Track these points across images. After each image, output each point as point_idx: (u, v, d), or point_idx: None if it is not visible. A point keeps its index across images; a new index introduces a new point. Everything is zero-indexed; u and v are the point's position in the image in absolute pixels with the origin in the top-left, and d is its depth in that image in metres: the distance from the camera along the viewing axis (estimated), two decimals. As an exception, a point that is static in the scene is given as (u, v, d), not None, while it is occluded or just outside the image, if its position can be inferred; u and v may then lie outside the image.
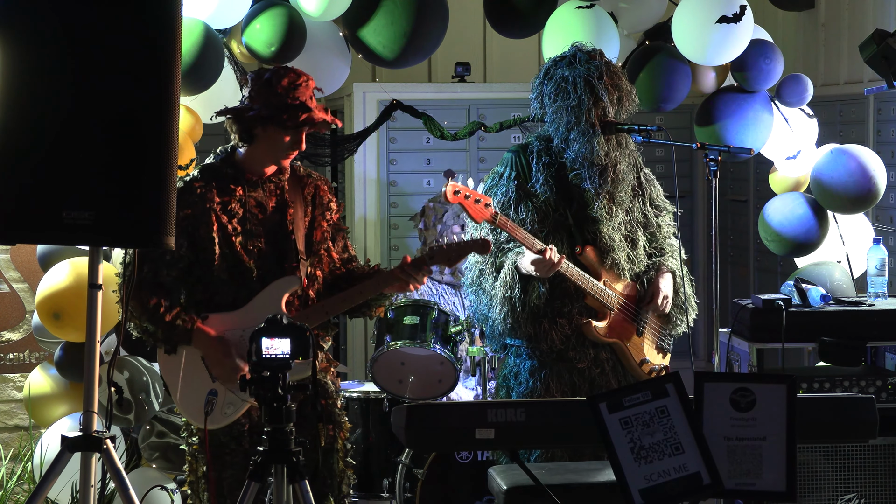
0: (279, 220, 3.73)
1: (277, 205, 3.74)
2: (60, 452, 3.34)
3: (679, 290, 4.36)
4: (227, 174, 3.71)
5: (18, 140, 3.22)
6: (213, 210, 3.66)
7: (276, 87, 3.61)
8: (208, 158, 3.77)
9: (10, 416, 5.44)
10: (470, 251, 3.88)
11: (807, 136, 5.38)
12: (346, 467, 3.81)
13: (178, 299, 3.66)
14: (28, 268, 5.40)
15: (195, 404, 3.59)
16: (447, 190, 3.98)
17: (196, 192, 3.66)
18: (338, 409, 3.83)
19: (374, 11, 4.84)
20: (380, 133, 6.16)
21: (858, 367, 4.75)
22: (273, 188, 3.74)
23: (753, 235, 6.31)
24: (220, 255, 3.64)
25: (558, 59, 4.24)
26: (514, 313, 4.18)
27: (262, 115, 3.60)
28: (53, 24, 3.21)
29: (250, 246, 3.67)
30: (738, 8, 4.98)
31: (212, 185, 3.68)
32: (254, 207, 3.71)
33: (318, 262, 3.79)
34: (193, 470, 3.75)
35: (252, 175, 3.72)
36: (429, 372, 5.01)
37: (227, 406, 3.60)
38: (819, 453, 4.40)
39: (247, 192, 3.71)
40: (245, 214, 3.69)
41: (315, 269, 3.78)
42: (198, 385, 3.61)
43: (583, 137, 4.16)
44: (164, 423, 4.76)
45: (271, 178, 3.74)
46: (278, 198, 3.74)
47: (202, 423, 3.50)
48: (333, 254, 3.84)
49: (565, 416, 3.50)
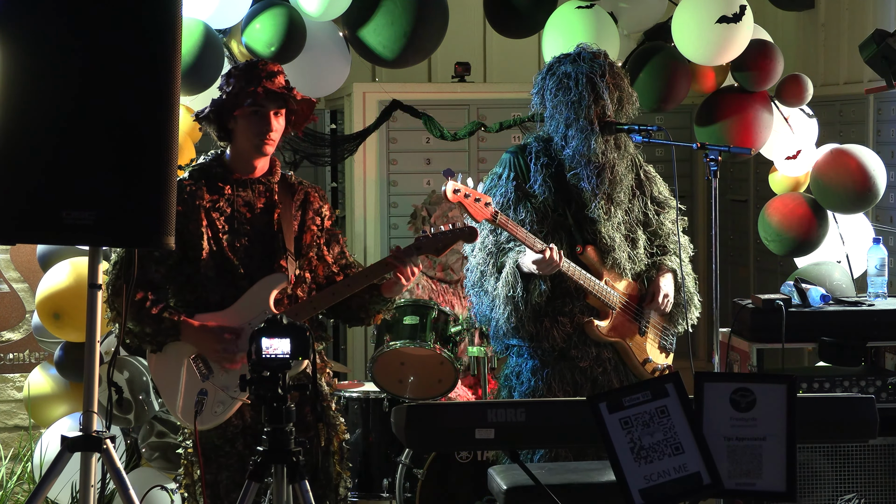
0: (267, 220, 3.74)
1: (266, 205, 3.74)
2: (60, 452, 3.34)
3: (681, 288, 4.36)
4: (217, 173, 3.73)
5: (18, 140, 3.22)
6: (202, 207, 3.67)
7: (232, 77, 3.67)
8: (199, 159, 3.79)
9: (10, 416, 5.44)
10: (457, 240, 3.86)
11: (807, 136, 5.38)
12: (343, 469, 3.81)
13: (164, 296, 3.67)
14: (28, 268, 5.40)
15: (186, 406, 3.60)
16: (447, 189, 3.97)
17: (186, 189, 3.68)
18: (332, 410, 3.83)
19: (374, 11, 4.84)
20: (380, 133, 6.16)
21: (858, 367, 4.75)
22: (262, 189, 3.75)
23: (753, 235, 6.30)
24: (207, 253, 3.65)
25: (562, 56, 4.25)
26: (518, 312, 4.18)
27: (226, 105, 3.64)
28: (54, 24, 3.21)
29: (237, 244, 3.68)
30: (738, 8, 4.98)
31: (202, 184, 3.71)
32: (241, 206, 3.72)
33: (306, 265, 3.78)
34: (189, 473, 3.75)
35: (241, 174, 3.73)
36: (429, 372, 5.01)
37: (217, 405, 3.60)
38: (819, 453, 4.40)
39: (235, 191, 3.73)
40: (233, 213, 3.70)
41: (304, 272, 3.77)
42: (188, 386, 3.61)
43: (581, 134, 4.17)
44: (164, 423, 4.76)
45: (261, 180, 3.75)
46: (267, 199, 3.75)
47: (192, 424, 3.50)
48: (328, 258, 3.84)
49: (565, 416, 3.50)
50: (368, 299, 3.83)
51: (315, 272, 3.82)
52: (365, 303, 3.84)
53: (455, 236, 3.84)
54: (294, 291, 3.73)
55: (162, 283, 3.68)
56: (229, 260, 3.66)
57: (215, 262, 3.66)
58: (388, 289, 3.81)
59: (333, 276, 3.84)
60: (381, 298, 3.84)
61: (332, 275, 3.84)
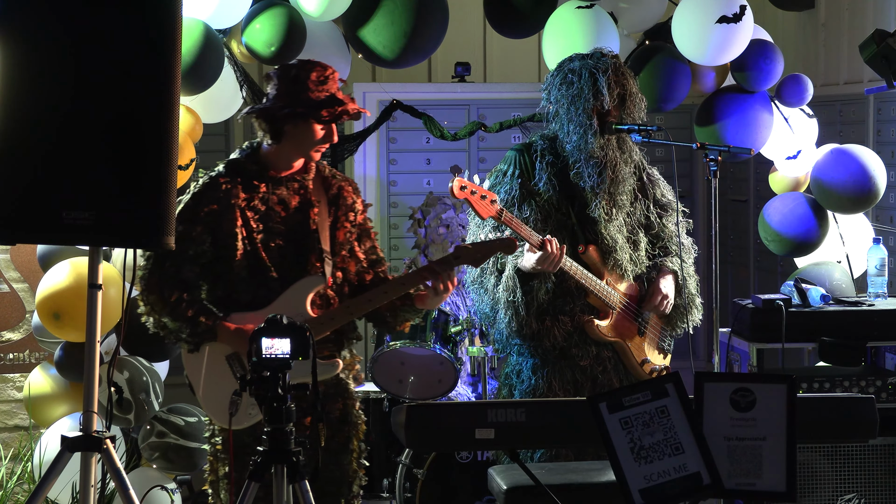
0: (301, 219, 3.69)
1: (300, 204, 3.70)
2: (60, 452, 3.35)
3: (682, 290, 4.36)
4: (252, 170, 3.68)
5: (18, 140, 3.22)
6: (237, 206, 3.62)
7: (305, 83, 3.59)
8: (233, 154, 3.75)
9: (10, 416, 5.43)
10: (496, 251, 3.83)
11: (807, 136, 5.38)
12: (359, 468, 3.79)
13: (199, 295, 3.63)
14: (28, 268, 5.39)
15: (219, 404, 3.54)
16: (454, 185, 3.97)
17: (221, 187, 3.63)
18: (355, 409, 3.81)
19: (374, 11, 4.84)
20: (380, 133, 6.16)
21: (858, 367, 4.76)
22: (297, 187, 3.71)
23: (753, 235, 6.31)
24: (241, 253, 3.61)
25: (574, 55, 4.27)
26: (518, 317, 4.18)
27: (297, 113, 3.58)
28: (53, 24, 3.21)
29: (271, 244, 3.64)
30: (738, 8, 4.98)
31: (237, 181, 3.65)
32: (276, 205, 3.67)
33: (340, 262, 3.75)
34: (214, 470, 3.72)
35: (277, 171, 3.68)
36: (429, 372, 5.01)
37: (251, 406, 3.51)
38: (819, 453, 4.40)
39: (270, 189, 3.68)
40: (267, 211, 3.66)
41: (336, 270, 3.73)
42: (222, 385, 3.56)
43: (580, 129, 4.17)
44: (164, 423, 4.76)
45: (295, 177, 3.71)
46: (301, 197, 3.70)
47: (226, 423, 3.46)
48: (359, 254, 3.79)
49: (565, 416, 3.50)
50: (399, 306, 3.78)
51: (346, 269, 3.77)
52: (396, 308, 3.79)
53: (494, 247, 3.81)
54: (325, 290, 3.70)
55: (196, 281, 3.63)
56: (262, 260, 3.62)
57: (248, 263, 3.62)
58: (422, 301, 3.76)
59: (363, 272, 3.79)
60: (413, 308, 3.80)
61: (363, 270, 3.79)
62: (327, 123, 3.61)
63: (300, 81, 3.60)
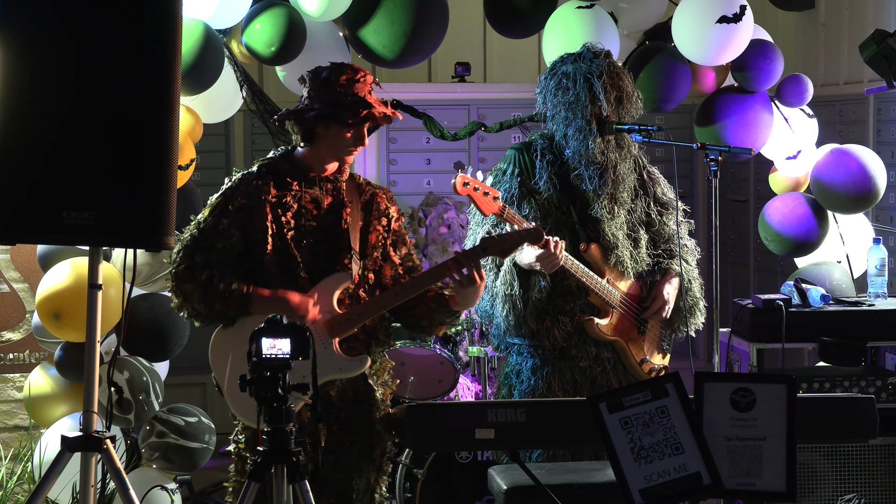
0: (333, 219, 3.68)
1: (332, 204, 3.69)
2: (60, 452, 3.35)
3: (684, 293, 4.35)
4: (284, 169, 3.68)
5: (19, 140, 3.22)
6: (267, 202, 3.62)
7: (334, 85, 3.60)
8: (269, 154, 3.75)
9: (10, 416, 5.43)
10: (523, 241, 3.81)
11: (807, 136, 5.38)
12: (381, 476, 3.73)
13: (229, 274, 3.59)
14: (28, 268, 5.39)
15: (245, 401, 3.46)
16: (457, 181, 3.96)
17: (253, 183, 3.63)
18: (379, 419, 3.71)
19: (374, 11, 4.84)
20: (380, 133, 6.17)
21: (858, 367, 4.76)
22: (330, 188, 3.71)
23: (753, 235, 6.31)
24: (271, 248, 3.60)
25: (566, 56, 4.26)
26: (516, 311, 4.18)
27: (324, 115, 3.58)
28: (53, 24, 3.21)
29: (303, 241, 3.64)
30: (738, 8, 4.98)
31: (269, 179, 3.65)
32: (308, 203, 3.67)
33: (371, 265, 3.72)
34: (239, 470, 3.69)
35: (311, 172, 3.69)
36: (429, 372, 5.01)
37: None
38: (819, 453, 4.40)
39: (303, 188, 3.68)
40: (299, 209, 3.65)
41: (367, 272, 3.71)
42: None
43: (579, 135, 4.17)
44: (164, 423, 4.75)
45: (329, 178, 3.71)
46: (334, 197, 3.70)
47: (253, 422, 3.42)
48: (395, 259, 3.77)
49: (565, 416, 3.51)
50: (434, 308, 3.75)
51: (380, 273, 3.74)
52: (431, 311, 3.76)
53: (521, 237, 3.79)
54: (356, 291, 3.68)
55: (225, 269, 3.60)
56: (293, 257, 3.61)
57: (278, 259, 3.61)
58: (456, 301, 3.73)
59: (399, 279, 3.76)
60: (448, 310, 3.75)
61: (398, 276, 3.77)
62: (351, 127, 3.62)
63: (329, 84, 3.61)
